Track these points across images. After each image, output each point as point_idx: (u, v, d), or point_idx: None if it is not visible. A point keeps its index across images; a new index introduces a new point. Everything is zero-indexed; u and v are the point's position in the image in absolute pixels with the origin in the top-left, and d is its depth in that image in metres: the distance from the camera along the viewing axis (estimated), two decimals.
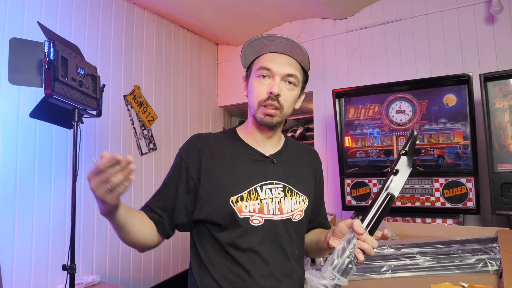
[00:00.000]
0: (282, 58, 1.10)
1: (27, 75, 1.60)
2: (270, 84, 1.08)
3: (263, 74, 1.09)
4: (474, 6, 3.02)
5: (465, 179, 2.56)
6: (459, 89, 2.62)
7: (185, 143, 1.17)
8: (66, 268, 1.79)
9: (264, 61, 1.10)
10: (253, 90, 1.10)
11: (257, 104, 1.09)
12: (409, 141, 0.99)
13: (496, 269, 1.46)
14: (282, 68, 1.09)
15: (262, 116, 1.09)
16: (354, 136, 3.02)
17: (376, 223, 0.94)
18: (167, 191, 1.12)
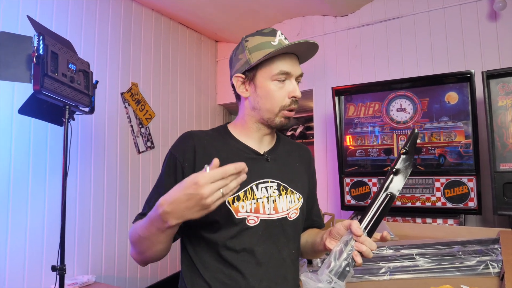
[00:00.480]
0: (292, 59, 1.08)
1: (16, 70, 1.56)
2: (290, 87, 1.07)
3: (283, 78, 1.07)
4: (477, 2, 2.98)
5: (466, 179, 2.52)
6: (461, 86, 2.58)
7: (178, 142, 1.11)
8: (56, 268, 1.75)
9: (283, 65, 1.06)
10: (273, 95, 1.07)
11: (279, 108, 1.07)
12: (409, 139, 0.97)
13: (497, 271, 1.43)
14: (297, 69, 1.08)
15: (282, 119, 1.09)
16: (354, 134, 2.98)
17: (375, 224, 0.91)
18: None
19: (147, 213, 1.03)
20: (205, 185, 0.77)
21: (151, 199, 1.08)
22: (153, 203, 1.02)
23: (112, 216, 3.00)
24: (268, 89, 1.07)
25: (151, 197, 1.09)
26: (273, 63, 1.06)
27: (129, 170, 3.20)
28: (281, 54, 1.06)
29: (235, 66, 1.13)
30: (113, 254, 3.00)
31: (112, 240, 2.99)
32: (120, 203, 3.08)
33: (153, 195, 1.08)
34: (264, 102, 1.08)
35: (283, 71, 1.05)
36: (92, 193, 2.85)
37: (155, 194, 1.08)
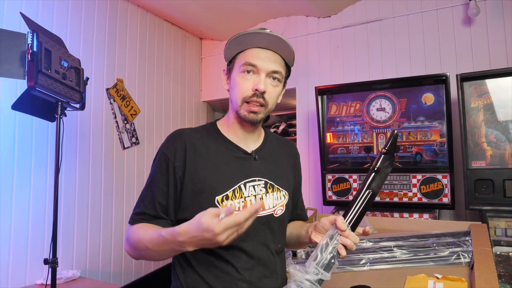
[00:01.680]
0: (267, 54, 1.08)
1: (9, 66, 1.57)
2: (256, 81, 1.06)
3: (248, 69, 1.07)
4: (453, 8, 3.10)
5: (441, 175, 2.64)
6: (437, 88, 2.70)
7: (168, 141, 1.12)
8: (48, 261, 1.77)
9: (249, 57, 1.07)
10: (237, 86, 1.08)
11: (241, 100, 1.08)
12: (390, 140, 1.00)
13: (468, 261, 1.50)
14: (267, 64, 1.07)
15: (246, 113, 1.08)
16: (335, 132, 3.07)
17: (358, 220, 0.97)
18: (161, 193, 1.08)
19: (145, 212, 1.07)
20: (221, 234, 0.81)
21: (145, 198, 1.09)
22: (148, 202, 1.07)
23: (97, 211, 3.01)
24: (235, 81, 1.10)
25: (145, 195, 1.10)
26: (244, 55, 1.09)
27: (114, 166, 3.20)
28: (255, 49, 1.08)
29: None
30: (98, 249, 3.01)
31: (96, 235, 3.00)
32: (105, 198, 3.09)
33: (147, 193, 1.10)
34: (232, 94, 1.12)
35: (248, 63, 1.06)
36: (77, 188, 2.84)
37: (148, 193, 1.09)
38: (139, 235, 1.01)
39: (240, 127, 1.16)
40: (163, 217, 1.08)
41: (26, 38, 1.58)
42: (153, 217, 1.07)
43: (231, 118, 1.16)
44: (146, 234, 0.99)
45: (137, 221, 1.08)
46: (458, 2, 3.07)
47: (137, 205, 1.11)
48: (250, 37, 1.07)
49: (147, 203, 1.08)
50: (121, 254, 3.22)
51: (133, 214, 1.10)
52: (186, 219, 1.06)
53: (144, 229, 1.02)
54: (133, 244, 1.03)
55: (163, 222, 1.07)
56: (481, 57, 2.96)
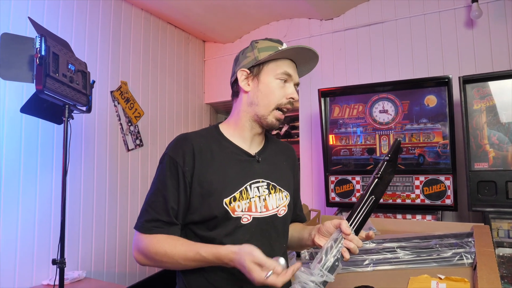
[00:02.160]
0: (294, 66, 1.19)
1: (18, 70, 1.60)
2: (289, 89, 1.16)
3: (285, 79, 1.15)
4: (455, 10, 3.10)
5: (443, 177, 2.65)
6: (440, 90, 2.70)
7: (175, 146, 1.13)
8: (56, 262, 1.80)
9: (287, 67, 1.16)
10: (274, 92, 1.15)
11: (275, 106, 1.15)
12: (393, 148, 1.04)
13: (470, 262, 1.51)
14: (297, 76, 1.19)
15: (274, 119, 1.16)
16: (338, 134, 3.08)
17: (361, 224, 1.01)
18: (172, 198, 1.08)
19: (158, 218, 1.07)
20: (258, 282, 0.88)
21: (155, 203, 1.09)
22: (160, 208, 1.07)
23: (101, 213, 3.03)
24: (270, 86, 1.15)
25: (154, 201, 1.10)
26: (279, 63, 1.15)
27: (119, 168, 3.23)
28: (286, 59, 1.17)
29: (241, 63, 1.19)
30: (103, 250, 3.03)
31: (101, 236, 3.02)
32: (109, 200, 3.11)
33: (157, 199, 1.09)
34: (263, 97, 1.15)
35: (287, 72, 1.15)
36: (82, 190, 2.87)
37: (159, 198, 1.09)
38: (166, 250, 1.03)
39: (250, 129, 1.19)
40: (176, 223, 1.09)
41: (34, 43, 1.61)
42: (166, 223, 1.07)
43: (243, 121, 1.19)
44: (176, 250, 1.02)
45: (150, 230, 1.07)
46: (460, 5, 3.08)
47: (146, 212, 1.10)
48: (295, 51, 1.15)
49: (159, 208, 1.08)
50: (125, 255, 3.24)
51: (144, 222, 1.08)
52: (194, 221, 1.10)
53: (169, 243, 1.04)
54: (154, 257, 1.04)
55: (176, 229, 1.09)
56: (483, 59, 2.96)
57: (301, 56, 1.17)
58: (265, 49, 1.15)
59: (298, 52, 1.15)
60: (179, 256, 1.01)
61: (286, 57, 1.17)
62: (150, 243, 1.05)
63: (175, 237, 1.07)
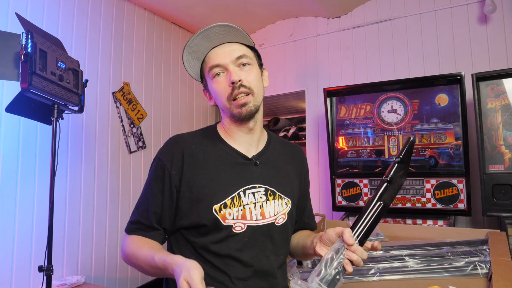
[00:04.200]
0: (223, 48, 1.06)
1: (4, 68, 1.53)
2: (227, 77, 1.04)
3: (217, 72, 1.05)
4: (468, 5, 3.02)
5: (456, 180, 2.56)
6: (451, 88, 2.61)
7: (165, 147, 1.09)
8: (43, 269, 1.73)
9: (210, 60, 1.06)
10: (217, 91, 1.06)
11: (227, 100, 1.05)
12: (405, 147, 0.94)
13: (486, 272, 1.44)
14: (229, 55, 1.05)
15: (237, 109, 1.04)
16: (345, 135, 3.00)
17: (367, 233, 0.90)
18: (155, 202, 1.05)
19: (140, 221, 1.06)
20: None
21: (140, 206, 1.07)
22: (143, 210, 1.06)
23: (102, 216, 2.98)
24: (212, 89, 1.08)
25: (140, 203, 1.08)
26: (205, 63, 1.08)
27: (120, 170, 3.18)
28: (212, 50, 1.07)
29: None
30: (103, 254, 2.98)
31: (102, 241, 2.97)
32: (110, 203, 3.06)
33: (142, 201, 1.08)
34: (217, 101, 1.09)
35: (212, 65, 1.05)
36: (83, 193, 2.82)
37: (144, 201, 1.07)
38: (133, 250, 1.02)
39: (238, 130, 1.11)
40: (156, 228, 1.06)
41: (20, 39, 1.55)
42: (147, 227, 1.06)
43: (227, 124, 1.12)
44: (140, 251, 1.00)
45: (132, 231, 1.07)
46: (473, 0, 2.97)
47: (133, 213, 1.09)
48: (199, 43, 1.05)
49: (141, 211, 1.07)
50: None
51: (129, 223, 1.09)
52: (183, 226, 1.06)
53: (137, 245, 1.02)
54: (127, 257, 1.05)
55: (157, 234, 1.06)
56: (498, 56, 2.87)
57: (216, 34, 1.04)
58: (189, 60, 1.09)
59: (205, 38, 1.03)
60: (142, 259, 0.99)
61: (207, 50, 1.07)
62: (126, 243, 1.06)
63: (149, 240, 1.04)
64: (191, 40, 1.03)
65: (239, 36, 1.06)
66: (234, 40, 1.07)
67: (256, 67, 1.10)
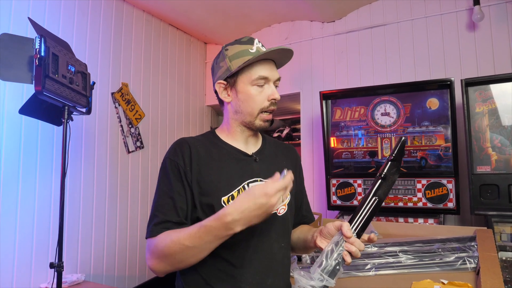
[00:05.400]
0: (270, 64, 1.16)
1: (17, 71, 1.59)
2: (268, 91, 1.14)
3: (262, 83, 1.14)
4: (457, 13, 3.11)
5: (446, 180, 2.64)
6: (442, 93, 2.70)
7: (174, 149, 1.14)
8: (54, 265, 1.78)
9: (261, 70, 1.13)
10: (253, 99, 1.13)
11: (259, 111, 1.14)
12: (397, 147, 1.00)
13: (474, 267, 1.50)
14: (274, 74, 1.16)
15: (261, 122, 1.16)
16: (340, 137, 3.07)
17: (363, 227, 0.97)
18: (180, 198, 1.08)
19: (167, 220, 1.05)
20: (274, 195, 0.89)
21: (164, 206, 1.07)
22: (168, 209, 1.06)
23: (101, 215, 3.02)
24: (249, 94, 1.13)
25: (162, 204, 1.08)
26: (252, 69, 1.13)
27: (119, 170, 3.22)
28: (259, 61, 1.13)
29: (217, 73, 1.19)
30: (102, 253, 3.01)
31: (101, 239, 3.00)
32: (109, 202, 3.10)
33: (165, 201, 1.08)
34: (246, 106, 1.14)
35: (261, 76, 1.12)
36: (82, 192, 2.86)
37: (167, 200, 1.08)
38: (172, 238, 0.99)
39: (243, 133, 1.20)
40: (185, 222, 1.07)
41: (34, 43, 1.60)
42: (176, 224, 1.05)
43: (234, 127, 1.20)
44: (181, 234, 0.98)
45: (159, 231, 1.04)
46: (462, 7, 3.08)
47: (154, 216, 1.08)
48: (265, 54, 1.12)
49: (168, 210, 1.07)
50: (125, 258, 3.23)
51: (153, 226, 1.06)
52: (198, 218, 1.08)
53: (175, 232, 1.01)
54: (164, 251, 1.00)
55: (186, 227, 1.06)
56: (485, 62, 2.96)
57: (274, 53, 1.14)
58: (236, 55, 1.13)
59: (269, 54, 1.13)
60: (184, 237, 0.97)
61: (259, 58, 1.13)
62: (158, 240, 1.02)
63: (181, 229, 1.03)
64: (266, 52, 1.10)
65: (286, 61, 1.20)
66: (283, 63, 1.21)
67: None
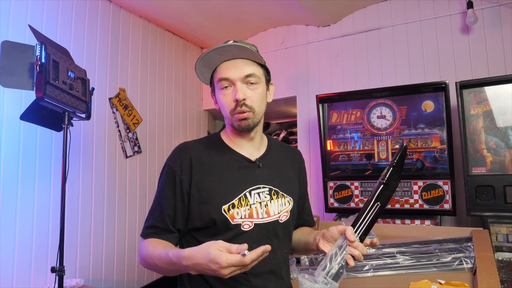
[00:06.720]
0: (235, 63, 1.11)
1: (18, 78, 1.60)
2: (232, 93, 1.10)
3: (225, 85, 1.11)
4: (451, 16, 3.14)
5: (442, 182, 2.66)
6: (437, 96, 2.73)
7: (174, 154, 1.16)
8: (55, 270, 1.79)
9: (221, 73, 1.11)
10: (221, 103, 1.14)
11: (229, 113, 1.12)
12: (399, 153, 1.02)
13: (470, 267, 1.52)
14: (239, 72, 1.10)
15: (238, 122, 1.12)
16: (336, 140, 3.10)
17: (366, 231, 0.98)
18: (169, 205, 1.11)
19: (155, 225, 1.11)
20: (226, 268, 0.84)
21: (155, 211, 1.13)
22: (157, 214, 1.12)
23: (100, 220, 3.02)
24: (218, 98, 1.15)
25: (154, 208, 1.14)
26: (216, 73, 1.13)
27: (117, 174, 3.22)
28: (224, 63, 1.11)
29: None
30: (101, 257, 3.01)
31: (99, 244, 3.00)
32: (107, 207, 3.10)
33: (156, 206, 1.14)
34: (222, 111, 1.16)
35: (222, 78, 1.11)
36: (81, 197, 2.86)
37: (158, 206, 1.13)
38: (148, 251, 1.06)
39: (239, 137, 1.19)
40: (172, 230, 1.12)
41: (34, 50, 1.62)
42: (163, 230, 1.11)
43: (230, 132, 1.21)
44: (155, 251, 1.04)
45: (148, 235, 1.12)
46: (456, 11, 3.12)
47: (147, 219, 1.15)
48: (212, 55, 1.10)
49: (157, 216, 1.13)
50: (123, 263, 3.23)
51: (144, 228, 1.14)
52: (195, 228, 1.11)
53: (153, 246, 1.06)
54: (144, 259, 1.09)
55: (172, 237, 1.12)
56: (479, 65, 3.00)
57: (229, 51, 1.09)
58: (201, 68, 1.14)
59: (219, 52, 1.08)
60: (156, 257, 1.03)
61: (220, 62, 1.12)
62: (143, 246, 1.10)
63: (163, 241, 1.09)
64: (205, 54, 1.08)
65: (250, 54, 1.11)
66: (246, 57, 1.12)
67: (263, 85, 1.16)
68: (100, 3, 3.12)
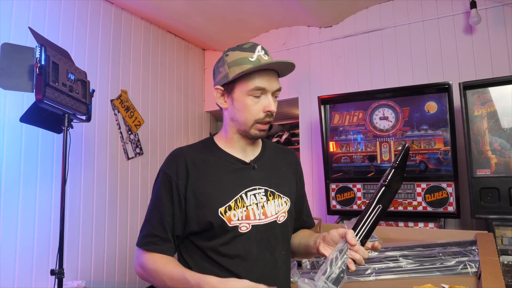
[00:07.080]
0: (271, 75, 1.12)
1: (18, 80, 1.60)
2: (265, 102, 1.10)
3: (258, 94, 1.10)
4: (454, 16, 3.12)
5: (445, 184, 2.64)
6: (440, 96, 2.70)
7: (169, 161, 1.16)
8: (55, 272, 1.78)
9: (258, 81, 1.09)
10: (248, 109, 1.10)
11: (253, 122, 1.11)
12: (401, 154, 0.99)
13: (475, 271, 1.50)
14: (273, 85, 1.12)
15: (257, 132, 1.13)
16: (338, 142, 3.08)
17: (367, 234, 0.97)
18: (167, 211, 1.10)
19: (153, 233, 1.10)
20: None
21: (152, 218, 1.12)
22: (155, 222, 1.10)
23: (101, 222, 3.01)
24: (244, 103, 1.11)
25: (151, 216, 1.13)
26: (250, 79, 1.09)
27: (119, 176, 3.22)
28: (259, 70, 1.09)
29: (216, 78, 1.17)
30: (102, 259, 3.01)
31: (101, 246, 3.00)
32: (109, 209, 3.10)
33: (153, 214, 1.12)
34: (240, 115, 1.12)
35: (258, 87, 1.09)
36: (82, 199, 2.86)
37: (155, 213, 1.12)
38: (156, 266, 1.06)
39: (241, 140, 1.18)
40: (170, 240, 1.11)
41: (34, 52, 1.61)
42: (161, 239, 1.10)
43: (231, 134, 1.19)
44: (166, 269, 1.04)
45: (146, 245, 1.10)
46: (459, 11, 3.09)
47: (144, 227, 1.13)
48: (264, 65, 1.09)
49: (155, 223, 1.11)
50: (125, 265, 3.22)
51: (141, 236, 1.12)
52: (192, 232, 1.10)
53: (162, 263, 1.06)
54: (149, 273, 1.08)
55: (170, 248, 1.11)
56: (483, 65, 2.97)
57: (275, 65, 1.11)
58: (234, 63, 1.10)
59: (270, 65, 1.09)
60: (167, 275, 1.03)
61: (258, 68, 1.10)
62: (147, 260, 1.09)
63: (169, 258, 1.09)
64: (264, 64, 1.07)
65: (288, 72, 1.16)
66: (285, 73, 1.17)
67: None
68: (102, 5, 3.13)
